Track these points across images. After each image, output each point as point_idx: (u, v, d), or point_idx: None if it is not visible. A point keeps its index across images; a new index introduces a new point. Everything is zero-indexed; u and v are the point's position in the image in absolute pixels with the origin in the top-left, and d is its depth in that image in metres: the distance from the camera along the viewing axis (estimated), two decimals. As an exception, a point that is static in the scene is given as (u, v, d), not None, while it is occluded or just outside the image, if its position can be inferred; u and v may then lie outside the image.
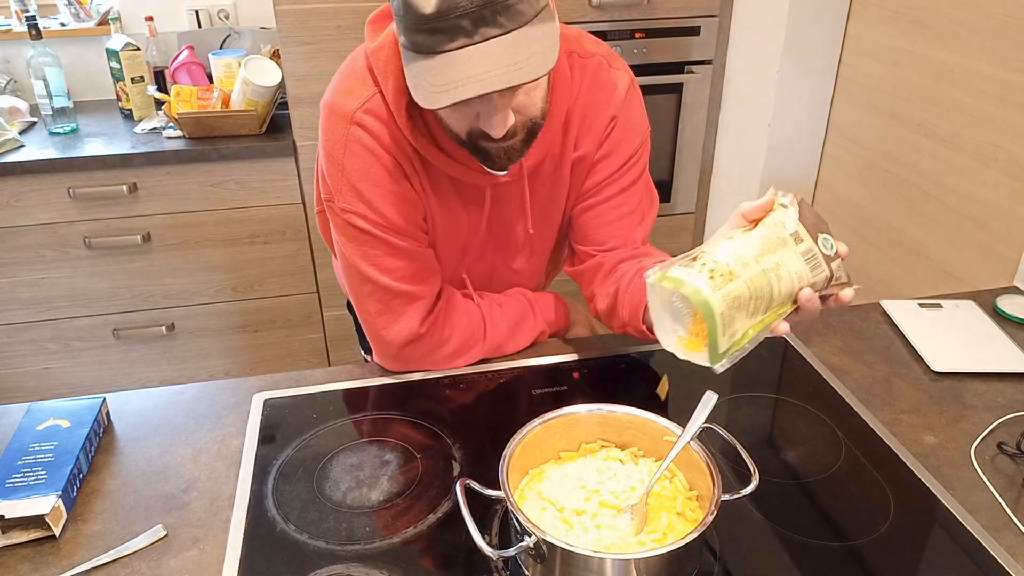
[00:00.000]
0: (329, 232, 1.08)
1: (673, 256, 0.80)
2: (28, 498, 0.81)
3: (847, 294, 0.79)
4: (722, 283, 0.71)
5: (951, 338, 1.13)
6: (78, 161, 1.91)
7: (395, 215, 0.97)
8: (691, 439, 0.78)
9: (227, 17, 2.35)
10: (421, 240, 1.02)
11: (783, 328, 0.77)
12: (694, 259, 0.75)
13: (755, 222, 0.77)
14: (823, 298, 0.78)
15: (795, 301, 0.76)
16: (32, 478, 0.84)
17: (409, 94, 0.85)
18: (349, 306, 1.29)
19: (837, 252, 0.77)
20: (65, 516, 0.83)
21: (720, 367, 0.74)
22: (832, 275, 0.77)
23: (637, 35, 2.06)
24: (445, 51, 0.77)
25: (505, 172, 0.98)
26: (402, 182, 0.97)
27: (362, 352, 1.34)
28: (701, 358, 0.75)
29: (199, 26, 2.33)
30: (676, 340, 0.77)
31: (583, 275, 1.11)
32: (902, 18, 1.69)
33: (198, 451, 0.95)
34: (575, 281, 1.14)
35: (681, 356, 0.77)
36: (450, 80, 0.77)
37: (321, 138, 0.98)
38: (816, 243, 0.75)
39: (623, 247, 1.06)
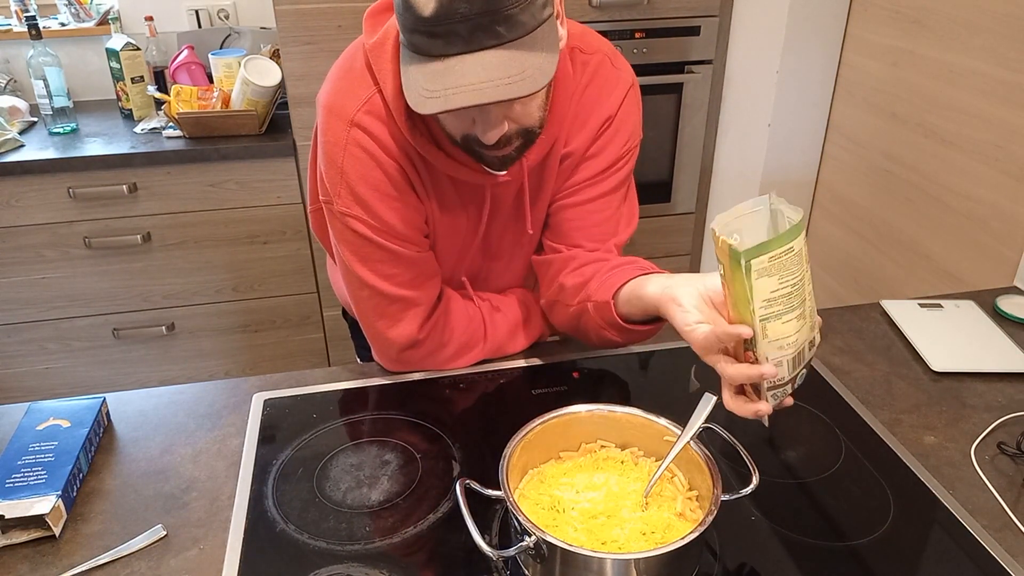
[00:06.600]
0: (323, 231, 1.06)
1: (664, 267, 0.79)
2: (28, 498, 0.81)
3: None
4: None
5: (951, 338, 1.13)
6: (78, 161, 1.91)
7: (395, 220, 0.96)
8: (691, 439, 0.78)
9: (227, 17, 2.35)
10: (421, 244, 1.01)
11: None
12: None
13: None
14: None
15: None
16: (32, 478, 0.84)
17: None
18: (345, 313, 1.28)
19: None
20: (65, 516, 0.83)
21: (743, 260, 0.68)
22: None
23: (637, 35, 2.06)
24: (441, 56, 0.77)
25: (505, 172, 0.98)
26: (403, 186, 0.96)
27: (358, 361, 1.33)
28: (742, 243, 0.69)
29: (199, 26, 2.33)
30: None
31: (552, 264, 1.07)
32: (902, 18, 1.69)
33: (198, 451, 0.95)
34: (536, 270, 1.11)
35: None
36: (442, 87, 0.77)
37: (320, 138, 0.96)
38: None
39: (596, 251, 1.05)
